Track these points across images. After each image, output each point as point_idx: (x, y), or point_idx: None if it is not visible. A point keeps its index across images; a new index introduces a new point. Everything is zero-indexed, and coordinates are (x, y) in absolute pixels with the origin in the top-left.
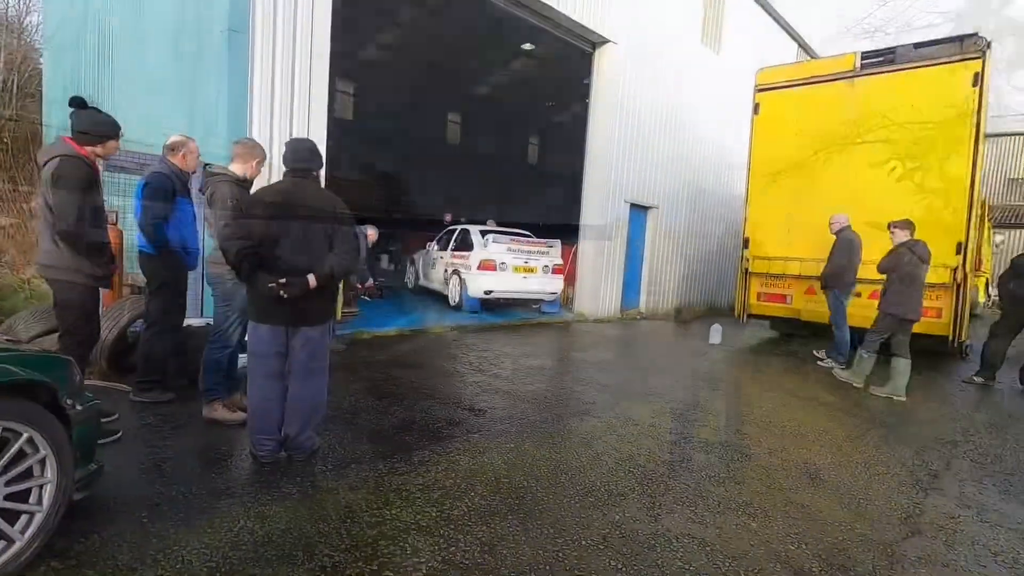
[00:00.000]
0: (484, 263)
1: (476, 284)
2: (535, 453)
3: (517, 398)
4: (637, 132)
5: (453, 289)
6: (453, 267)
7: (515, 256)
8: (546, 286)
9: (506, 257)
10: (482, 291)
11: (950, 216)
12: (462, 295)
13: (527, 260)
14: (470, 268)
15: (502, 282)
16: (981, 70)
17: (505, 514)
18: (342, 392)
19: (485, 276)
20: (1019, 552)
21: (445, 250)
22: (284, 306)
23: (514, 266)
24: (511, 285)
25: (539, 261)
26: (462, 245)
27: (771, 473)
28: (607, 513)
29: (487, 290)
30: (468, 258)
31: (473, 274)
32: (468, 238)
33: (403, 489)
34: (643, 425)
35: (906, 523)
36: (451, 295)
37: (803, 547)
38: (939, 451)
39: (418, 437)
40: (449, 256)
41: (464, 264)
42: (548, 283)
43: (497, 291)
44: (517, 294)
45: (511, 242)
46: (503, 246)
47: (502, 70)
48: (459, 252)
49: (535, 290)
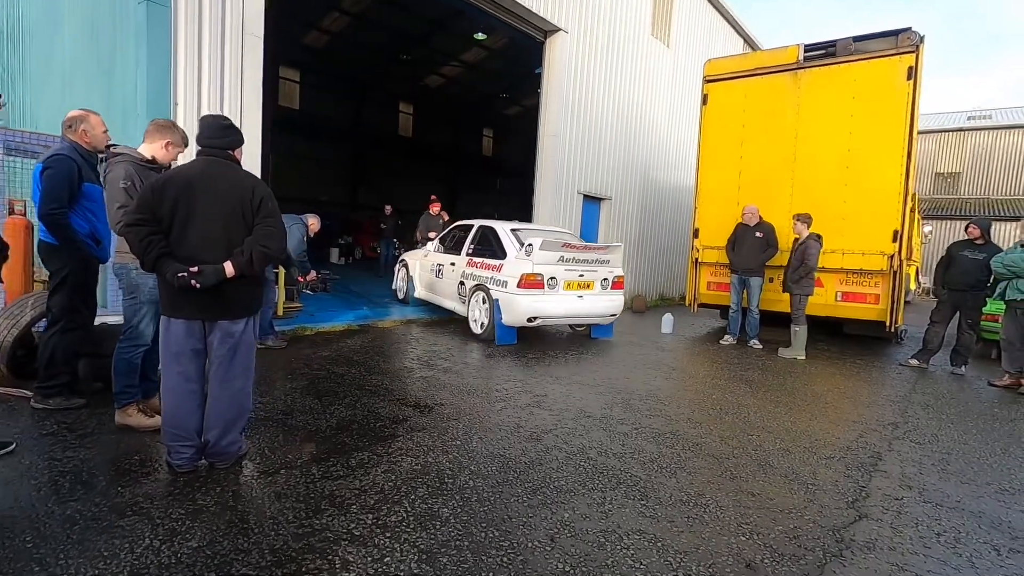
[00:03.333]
0: (527, 279)
1: (516, 308)
2: (483, 450)
3: (466, 392)
4: (590, 123)
5: (476, 311)
6: (475, 280)
7: (569, 269)
8: (606, 306)
9: (557, 271)
10: (524, 318)
11: (886, 205)
12: (492, 320)
13: (583, 274)
14: (505, 284)
15: (552, 305)
16: (915, 64)
17: (447, 518)
18: (277, 391)
19: (529, 297)
20: (960, 531)
21: (456, 253)
22: (198, 298)
23: (567, 282)
24: (563, 308)
25: (597, 273)
26: (484, 249)
27: (722, 462)
28: (556, 512)
29: (532, 316)
30: (500, 269)
31: (510, 293)
32: (494, 240)
33: (336, 495)
34: (595, 417)
35: (853, 507)
36: (474, 319)
37: (755, 538)
38: (881, 433)
39: (358, 437)
40: (465, 263)
41: (494, 278)
42: (608, 302)
43: (544, 316)
44: (569, 319)
45: (564, 249)
46: (553, 254)
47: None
48: (482, 259)
49: (592, 313)
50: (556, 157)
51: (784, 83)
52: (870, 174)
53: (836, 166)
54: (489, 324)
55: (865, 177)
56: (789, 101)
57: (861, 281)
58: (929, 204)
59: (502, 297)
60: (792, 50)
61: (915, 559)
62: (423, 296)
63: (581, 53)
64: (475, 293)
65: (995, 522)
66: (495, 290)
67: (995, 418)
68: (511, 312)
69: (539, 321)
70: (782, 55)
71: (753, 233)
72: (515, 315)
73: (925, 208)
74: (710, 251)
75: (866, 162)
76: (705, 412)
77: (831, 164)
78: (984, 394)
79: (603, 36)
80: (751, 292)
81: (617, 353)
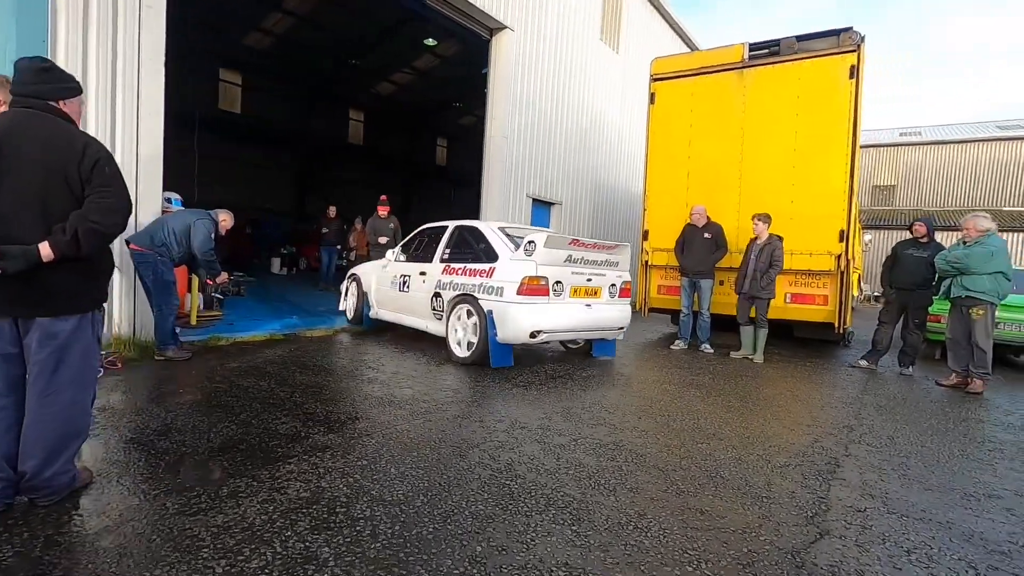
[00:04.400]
0: (530, 284)
1: (515, 321)
2: (391, 471)
3: (389, 404)
4: (538, 125)
5: (459, 328)
6: (457, 291)
7: (576, 272)
8: (615, 316)
9: (564, 274)
10: (526, 333)
11: (832, 204)
12: (483, 339)
13: (591, 278)
14: (499, 292)
15: (559, 316)
16: (857, 63)
17: (326, 560)
18: (158, 409)
19: (532, 306)
20: (931, 547)
21: (426, 260)
22: (4, 287)
23: (573, 287)
24: (571, 319)
25: (605, 278)
26: (465, 253)
27: (668, 475)
28: (467, 544)
29: (536, 331)
30: (491, 274)
31: (507, 303)
32: (477, 241)
33: (188, 534)
34: (531, 428)
35: (813, 522)
36: (456, 339)
37: (703, 566)
38: (836, 437)
39: (241, 461)
40: (439, 271)
41: (484, 285)
42: (618, 312)
43: (549, 331)
44: (577, 333)
45: (572, 247)
46: (560, 253)
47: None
48: (463, 264)
49: (601, 325)
50: (504, 159)
51: (730, 82)
52: (816, 173)
53: (783, 165)
54: (479, 344)
55: (811, 176)
56: (735, 100)
57: (809, 282)
58: (868, 215)
59: (497, 308)
60: (737, 49)
61: None
62: (383, 316)
63: (528, 53)
64: (457, 306)
65: (967, 534)
66: (486, 300)
67: (947, 418)
68: (509, 327)
69: (543, 336)
70: (727, 54)
71: (702, 234)
72: (514, 330)
73: (864, 219)
74: (660, 253)
75: (812, 161)
76: (652, 420)
77: (778, 163)
78: (933, 394)
79: (551, 37)
80: (702, 295)
81: (561, 359)
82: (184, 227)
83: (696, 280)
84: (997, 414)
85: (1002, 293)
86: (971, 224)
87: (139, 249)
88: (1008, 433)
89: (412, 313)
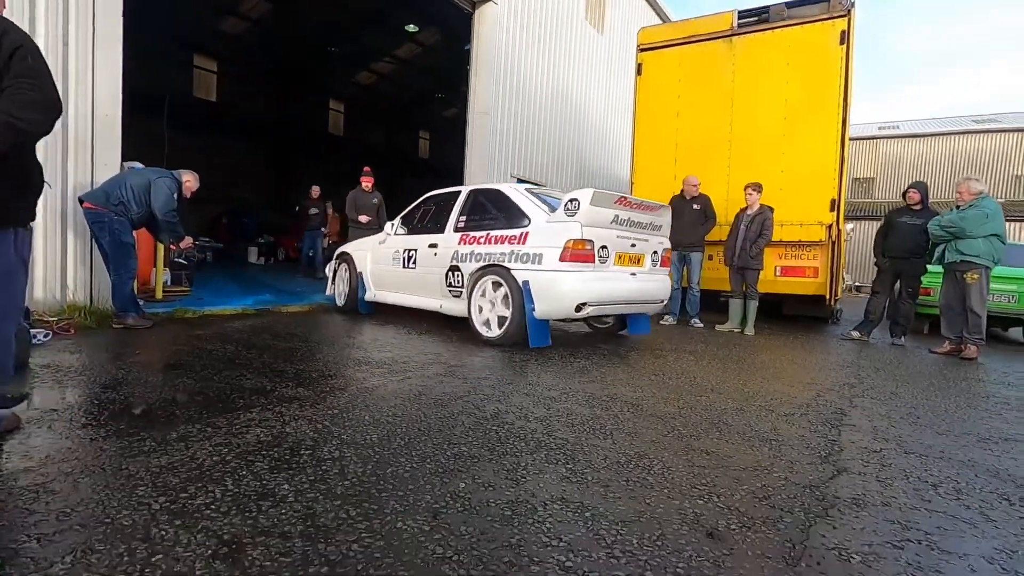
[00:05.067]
0: (575, 248)
1: (559, 293)
2: (365, 418)
3: (366, 364)
4: (522, 104)
5: (484, 305)
6: (480, 261)
7: (621, 236)
8: (657, 288)
9: (610, 237)
10: (572, 306)
11: (823, 173)
12: (517, 314)
13: (635, 243)
14: (537, 259)
15: (606, 286)
16: (847, 28)
17: (284, 496)
18: (109, 366)
19: (577, 275)
20: (958, 482)
21: (436, 231)
22: None
23: (618, 254)
24: (618, 291)
25: (648, 244)
26: (484, 220)
27: (667, 422)
28: (448, 482)
29: (581, 303)
30: (524, 240)
31: (548, 271)
32: (500, 205)
33: (123, 474)
34: (517, 384)
35: (828, 461)
36: (480, 317)
37: (714, 500)
38: (839, 392)
39: (196, 410)
40: (455, 242)
41: (517, 252)
42: (660, 283)
43: (596, 303)
44: (622, 306)
45: (618, 206)
46: (607, 212)
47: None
48: (485, 232)
49: (645, 297)
50: (487, 136)
51: (719, 50)
52: (806, 142)
53: (773, 134)
54: (513, 320)
55: (802, 145)
56: (724, 69)
57: (800, 254)
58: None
59: (535, 278)
60: (726, 16)
61: (917, 514)
62: (383, 299)
63: (512, 29)
64: (481, 280)
65: (992, 471)
66: (520, 269)
67: (946, 378)
68: (551, 299)
69: (589, 310)
70: (716, 22)
71: (691, 206)
72: (557, 303)
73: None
74: None
75: (802, 129)
76: (646, 378)
77: (768, 132)
78: (928, 361)
79: (535, 13)
80: (692, 269)
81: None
82: (144, 185)
83: (686, 254)
84: (995, 375)
85: (997, 256)
86: (964, 187)
87: (94, 207)
88: (1010, 390)
89: (421, 292)
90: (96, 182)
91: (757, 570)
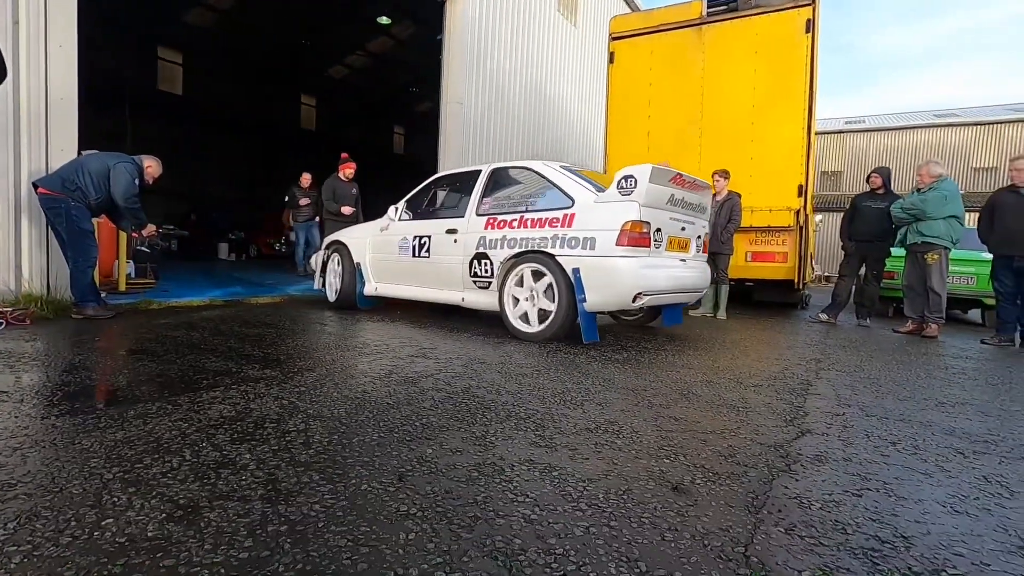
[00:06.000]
0: (632, 231)
1: (618, 280)
2: (333, 395)
3: (336, 348)
4: (497, 95)
5: (520, 298)
6: (515, 247)
7: (674, 218)
8: (701, 276)
9: (663, 219)
10: (630, 295)
11: (791, 159)
12: (565, 307)
13: (684, 226)
14: (589, 244)
15: (660, 273)
16: (812, 16)
17: (245, 465)
18: (67, 352)
19: (636, 260)
20: (915, 440)
21: (455, 215)
22: None
23: (670, 237)
24: (669, 278)
25: (694, 227)
26: (516, 202)
27: (638, 393)
28: (415, 448)
29: (639, 292)
30: (570, 222)
31: (604, 257)
32: (534, 186)
33: (77, 449)
34: (489, 363)
35: (793, 424)
36: (516, 311)
37: (681, 459)
38: (805, 366)
39: (157, 390)
40: (480, 227)
41: (563, 237)
42: (703, 270)
43: (653, 293)
44: (671, 295)
45: (674, 184)
46: (664, 191)
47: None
48: (518, 215)
49: (693, 286)
50: (461, 126)
51: (689, 39)
52: (774, 128)
53: (742, 122)
54: (560, 313)
55: (770, 132)
56: (695, 57)
57: (769, 240)
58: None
59: (587, 265)
60: (695, 5)
61: (876, 467)
62: (386, 292)
63: (484, 19)
64: (515, 268)
65: (948, 430)
66: (568, 256)
67: (908, 353)
68: (608, 288)
69: (645, 300)
70: (685, 10)
71: None
72: (615, 292)
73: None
74: None
75: (770, 117)
76: (618, 354)
77: (737, 120)
78: (892, 339)
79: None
80: None
81: None
82: (103, 170)
83: None
84: (953, 350)
85: (956, 237)
86: (925, 170)
87: (49, 193)
88: (967, 362)
89: (437, 284)
90: (51, 167)
91: (720, 517)
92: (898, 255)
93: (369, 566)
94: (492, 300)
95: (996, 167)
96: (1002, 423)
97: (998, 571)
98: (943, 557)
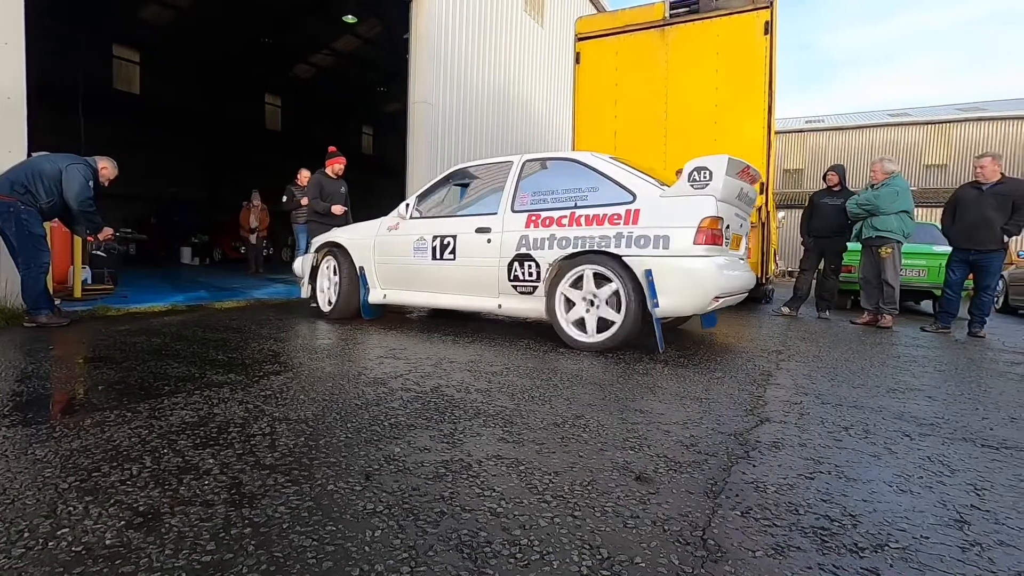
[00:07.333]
0: (710, 228)
1: (701, 282)
2: (299, 398)
3: (303, 351)
4: (465, 95)
5: (576, 303)
6: (570, 247)
7: (738, 214)
8: (751, 276)
9: (730, 215)
10: (709, 298)
11: (752, 157)
12: (633, 313)
13: (742, 222)
14: (663, 243)
15: (732, 274)
16: (770, 19)
17: (209, 470)
18: (19, 360)
19: (715, 260)
20: (866, 424)
21: (485, 212)
22: None
23: (734, 236)
24: (738, 279)
25: (746, 224)
26: (561, 197)
27: (605, 388)
28: (383, 447)
29: (719, 293)
30: (635, 219)
31: (682, 258)
32: (576, 179)
33: (29, 459)
34: (460, 362)
35: (752, 413)
36: (569, 317)
37: (645, 449)
38: (767, 357)
39: (116, 397)
40: (520, 224)
41: (629, 235)
42: (749, 269)
43: (725, 295)
44: (734, 296)
45: (742, 177)
46: (735, 185)
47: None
48: (567, 211)
49: (746, 286)
50: (429, 127)
51: (653, 40)
52: (736, 127)
53: (705, 121)
54: (627, 320)
55: (731, 131)
56: (659, 58)
57: None
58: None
59: (660, 266)
60: (658, 7)
61: (829, 451)
62: (396, 299)
63: (450, 16)
64: (570, 271)
65: (897, 414)
66: (637, 256)
67: (864, 344)
68: (686, 291)
69: (720, 303)
70: (649, 12)
71: None
72: (692, 295)
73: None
74: None
75: (732, 116)
76: (585, 355)
77: (701, 120)
78: (850, 330)
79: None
80: None
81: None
82: (55, 173)
83: None
84: (906, 339)
85: (907, 231)
86: (878, 167)
87: None
88: (918, 351)
89: (465, 290)
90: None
91: (680, 504)
92: (855, 249)
93: (334, 564)
94: (538, 307)
95: (946, 164)
96: (947, 407)
97: (936, 543)
98: (887, 532)
